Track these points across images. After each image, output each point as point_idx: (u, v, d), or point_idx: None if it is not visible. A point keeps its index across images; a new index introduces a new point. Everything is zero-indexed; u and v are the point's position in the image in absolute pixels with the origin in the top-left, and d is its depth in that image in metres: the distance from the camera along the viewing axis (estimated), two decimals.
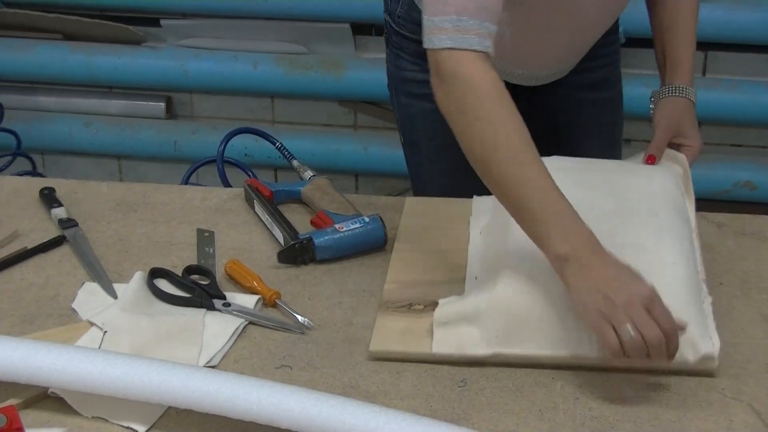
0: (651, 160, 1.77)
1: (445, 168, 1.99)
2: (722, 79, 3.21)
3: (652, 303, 1.34)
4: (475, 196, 1.80)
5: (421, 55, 1.71)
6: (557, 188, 1.44)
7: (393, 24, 1.98)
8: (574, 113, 2.06)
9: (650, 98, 1.87)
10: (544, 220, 1.42)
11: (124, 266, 1.65)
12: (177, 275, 1.60)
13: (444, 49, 1.50)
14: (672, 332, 1.33)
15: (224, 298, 1.55)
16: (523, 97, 2.00)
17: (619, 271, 1.38)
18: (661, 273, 1.46)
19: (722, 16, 2.95)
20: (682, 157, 1.80)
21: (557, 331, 1.42)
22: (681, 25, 1.88)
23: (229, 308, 1.53)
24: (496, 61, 1.57)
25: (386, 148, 3.44)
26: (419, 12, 1.77)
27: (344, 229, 1.67)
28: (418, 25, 1.85)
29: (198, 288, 1.56)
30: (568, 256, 1.39)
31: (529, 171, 1.45)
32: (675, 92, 1.83)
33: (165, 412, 1.33)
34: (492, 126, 1.47)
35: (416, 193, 2.09)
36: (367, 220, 1.69)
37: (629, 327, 1.32)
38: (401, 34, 1.96)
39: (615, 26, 2.05)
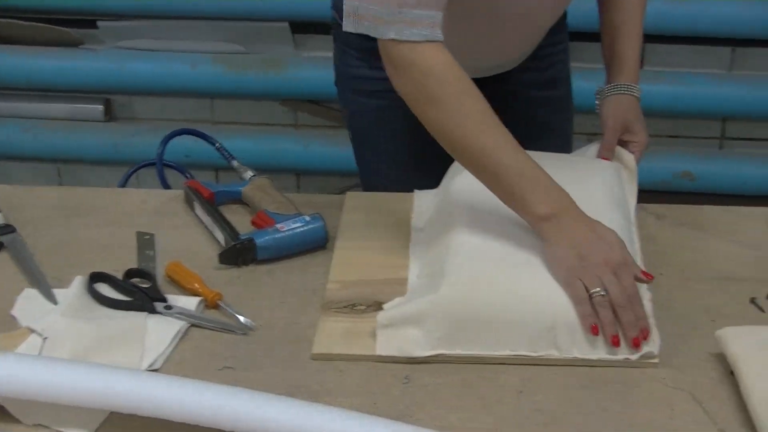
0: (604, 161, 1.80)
1: (394, 164, 1.99)
2: (660, 71, 3.24)
3: (622, 267, 1.43)
4: (416, 191, 1.80)
5: (367, 51, 1.72)
6: (527, 154, 1.50)
7: (339, 20, 1.97)
8: (525, 113, 2.06)
9: (595, 95, 1.88)
10: (521, 184, 1.49)
11: (64, 271, 1.63)
12: (117, 279, 1.59)
13: (393, 40, 1.51)
14: (636, 299, 1.41)
15: (165, 300, 1.54)
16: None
17: (595, 232, 1.46)
18: None
19: (659, 8, 2.97)
20: (629, 158, 1.82)
21: (500, 332, 1.43)
22: (628, 23, 1.90)
23: (171, 311, 1.52)
24: None
25: (327, 147, 3.44)
26: None
27: (285, 228, 1.67)
28: None
29: (139, 291, 1.55)
30: (548, 215, 1.47)
31: (498, 139, 1.50)
32: (620, 90, 1.86)
33: (107, 417, 1.32)
34: (455, 103, 1.51)
35: (366, 191, 2.09)
36: (308, 219, 1.69)
37: (599, 289, 1.41)
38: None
39: (563, 26, 2.06)
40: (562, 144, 2.09)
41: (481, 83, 1.97)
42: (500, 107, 1.99)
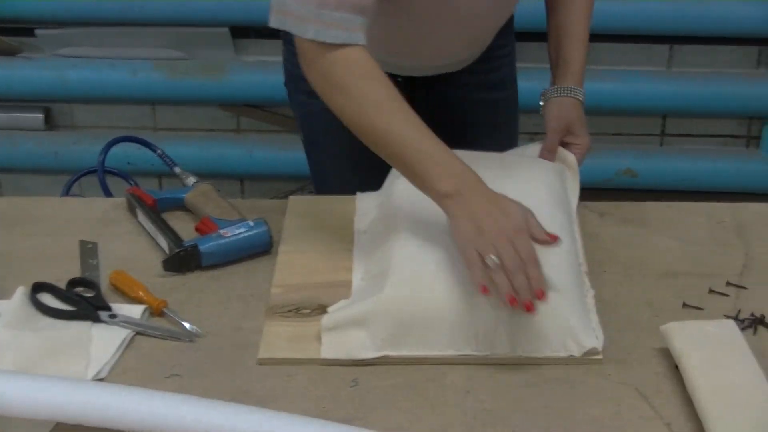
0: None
1: (347, 165, 1.98)
2: (601, 70, 3.26)
3: (518, 235, 1.43)
4: (358, 193, 1.80)
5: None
6: (432, 133, 1.52)
7: None
8: (471, 114, 2.09)
9: (540, 96, 1.90)
10: (424, 163, 1.50)
11: (6, 282, 1.61)
12: (61, 289, 1.57)
13: (311, 40, 1.53)
14: (532, 263, 1.42)
15: (110, 309, 1.53)
16: (421, 97, 2.02)
17: (494, 204, 1.47)
18: (544, 269, 1.48)
19: (598, 6, 2.98)
20: (571, 158, 1.83)
21: (444, 332, 1.43)
22: (575, 26, 1.92)
23: (116, 319, 1.51)
24: (385, 55, 1.59)
25: (271, 151, 3.43)
26: None
27: (229, 234, 1.66)
28: None
29: (83, 300, 1.54)
30: (449, 192, 1.47)
31: (402, 121, 1.52)
32: (563, 92, 1.87)
33: (53, 428, 1.31)
34: (362, 88, 1.53)
35: (318, 192, 2.09)
36: (251, 224, 1.68)
37: (492, 256, 1.40)
38: None
39: (510, 28, 2.07)
40: (508, 143, 2.09)
41: (429, 83, 1.98)
42: (446, 108, 2.00)
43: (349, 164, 1.98)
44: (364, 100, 1.53)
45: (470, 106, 2.08)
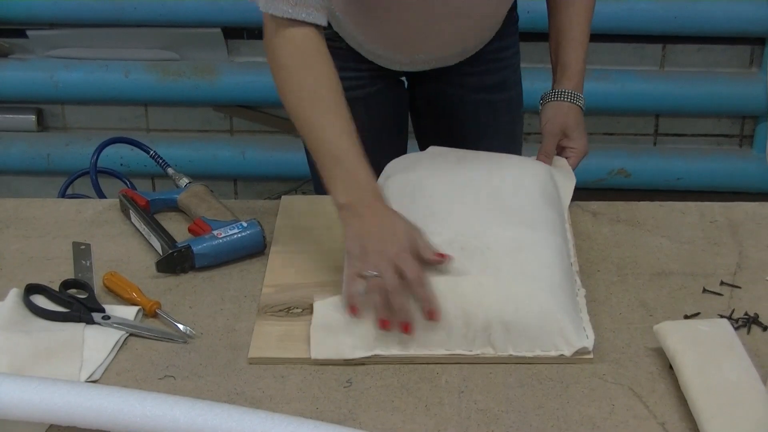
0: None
1: None
2: (593, 69, 3.25)
3: (402, 255, 1.44)
4: None
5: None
6: (352, 138, 1.55)
7: None
8: (472, 115, 2.08)
9: (540, 100, 1.89)
10: (330, 168, 1.55)
11: None
12: (54, 290, 1.57)
13: (272, 15, 1.58)
14: (417, 283, 1.42)
15: (103, 311, 1.52)
16: (421, 98, 2.02)
17: (383, 223, 1.49)
18: (534, 268, 1.49)
19: None
20: (563, 163, 1.83)
21: (435, 331, 1.43)
22: (574, 29, 1.91)
23: (109, 321, 1.51)
24: (382, 49, 1.71)
25: (264, 152, 3.43)
26: None
27: (222, 235, 1.66)
28: None
29: (76, 302, 1.53)
30: (346, 204, 1.52)
31: (326, 119, 1.56)
32: (562, 97, 1.87)
33: (47, 429, 1.31)
34: (301, 75, 1.57)
35: (318, 188, 2.09)
36: (245, 225, 1.68)
37: (371, 272, 1.44)
38: None
39: (513, 29, 2.07)
40: (508, 145, 2.09)
41: (428, 84, 1.98)
42: (447, 109, 2.00)
43: None
44: (301, 88, 1.57)
45: (470, 107, 2.07)
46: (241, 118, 3.48)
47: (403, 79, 2.03)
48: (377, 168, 1.69)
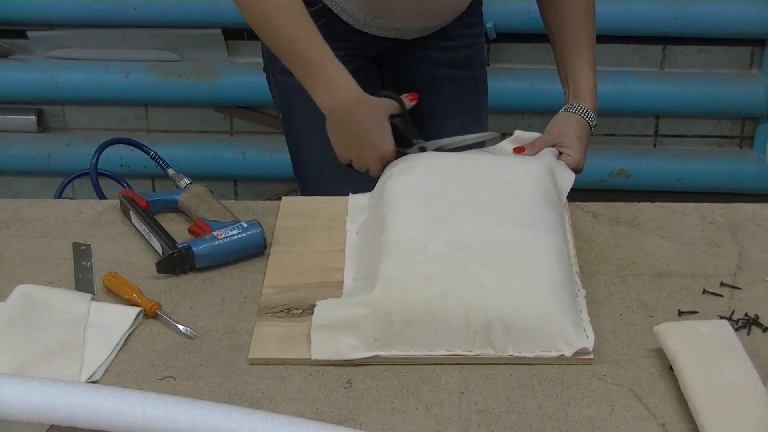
0: (518, 150, 1.86)
1: (323, 142, 1.99)
2: None
3: (376, 162, 1.77)
4: (350, 194, 1.80)
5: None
6: (326, 46, 1.74)
7: None
8: (436, 89, 2.13)
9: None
10: (311, 75, 1.74)
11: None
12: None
13: None
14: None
15: None
16: (390, 74, 2.07)
17: (366, 131, 1.75)
18: (535, 269, 1.49)
19: None
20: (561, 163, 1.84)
21: (435, 332, 1.44)
22: (582, 46, 1.95)
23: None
24: (364, 14, 1.89)
25: (264, 153, 3.43)
26: None
27: (223, 236, 1.66)
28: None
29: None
30: (330, 107, 1.75)
31: (298, 30, 1.74)
32: (578, 111, 1.92)
33: (47, 430, 1.31)
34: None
35: (297, 171, 2.13)
36: (245, 225, 1.68)
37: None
38: None
39: (479, 10, 2.13)
40: (473, 122, 2.15)
41: (395, 59, 2.07)
42: (412, 83, 2.06)
43: (324, 142, 1.98)
44: (271, 8, 1.75)
45: (436, 81, 2.13)
46: (241, 119, 3.48)
47: (370, 55, 2.12)
48: None
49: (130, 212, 1.77)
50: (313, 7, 1.91)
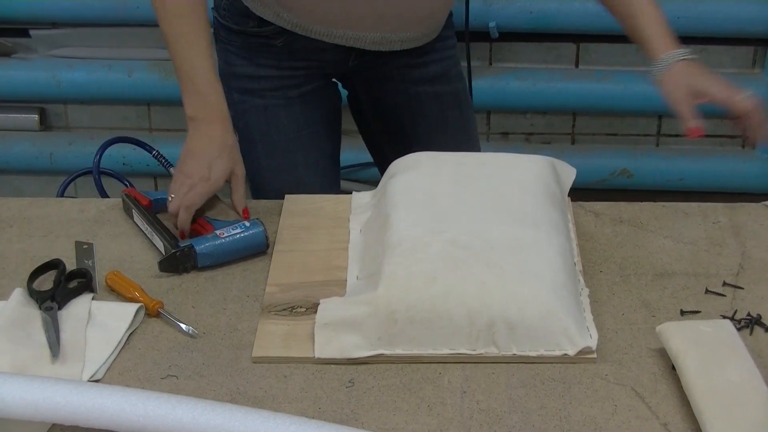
0: (692, 133, 1.82)
1: (282, 164, 1.99)
2: (595, 70, 3.26)
3: (200, 184, 1.71)
4: (354, 192, 1.80)
5: (249, 48, 1.77)
6: (207, 55, 1.76)
7: (219, 17, 2.00)
8: (417, 108, 2.11)
9: (649, 74, 1.86)
10: (182, 81, 1.77)
11: (1, 283, 1.62)
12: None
13: None
14: (187, 211, 1.70)
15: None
16: (367, 98, 2.04)
17: (208, 149, 1.73)
18: (538, 267, 1.49)
19: (592, 8, 2.99)
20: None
21: (439, 330, 1.44)
22: (647, 8, 1.89)
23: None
24: (320, 25, 1.83)
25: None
26: (242, 3, 1.87)
27: (225, 235, 1.66)
28: (244, 16, 1.90)
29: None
30: (190, 117, 1.75)
31: (185, 37, 1.78)
32: (672, 59, 1.82)
33: (49, 429, 1.31)
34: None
35: (255, 193, 2.09)
36: (247, 224, 1.68)
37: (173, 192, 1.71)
38: (227, 27, 1.98)
39: (450, 23, 2.09)
40: (463, 142, 2.12)
41: (368, 81, 2.02)
42: (391, 105, 2.03)
43: (284, 164, 1.98)
44: (169, 11, 1.78)
45: (415, 100, 2.10)
46: None
47: (335, 80, 2.09)
48: (313, 168, 1.87)
49: (133, 211, 1.77)
50: (268, 27, 1.91)
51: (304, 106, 1.98)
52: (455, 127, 2.14)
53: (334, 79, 2.08)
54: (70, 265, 1.63)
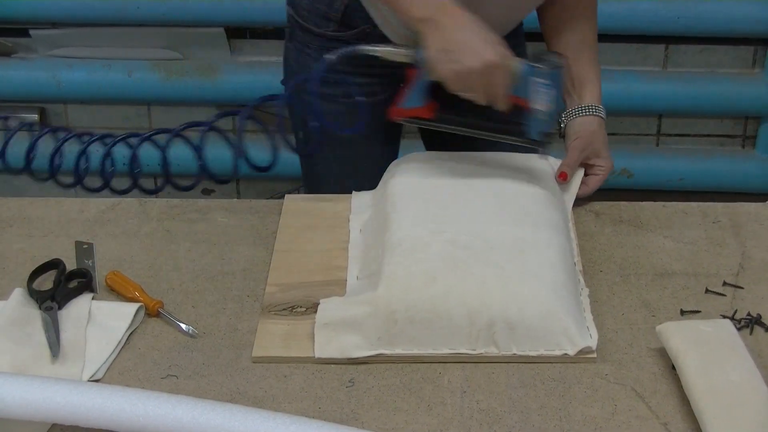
0: (563, 177, 1.79)
1: (349, 170, 1.97)
2: None
3: (494, 69, 1.55)
4: (354, 192, 1.80)
5: (327, 52, 1.73)
6: None
7: (298, 18, 1.92)
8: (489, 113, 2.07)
9: (560, 117, 1.88)
10: None
11: (1, 283, 1.62)
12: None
13: None
14: (501, 99, 1.59)
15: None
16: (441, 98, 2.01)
17: (470, 35, 1.56)
18: (538, 267, 1.49)
19: None
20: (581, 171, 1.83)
21: (439, 330, 1.44)
22: (586, 48, 1.91)
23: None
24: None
25: (266, 152, 3.41)
26: (324, 3, 1.81)
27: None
28: (324, 19, 1.84)
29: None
30: (423, 18, 1.57)
31: None
32: (586, 111, 1.86)
33: (49, 429, 1.31)
34: None
35: (311, 190, 2.06)
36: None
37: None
38: (306, 28, 1.91)
39: (520, 30, 2.06)
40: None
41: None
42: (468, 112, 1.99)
43: (351, 168, 1.96)
44: None
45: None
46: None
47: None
48: (367, 174, 1.71)
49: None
50: (350, 32, 1.85)
51: (375, 113, 1.91)
52: None
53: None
54: (70, 265, 1.63)
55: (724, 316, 1.51)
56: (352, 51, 1.68)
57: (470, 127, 1.71)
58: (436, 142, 2.04)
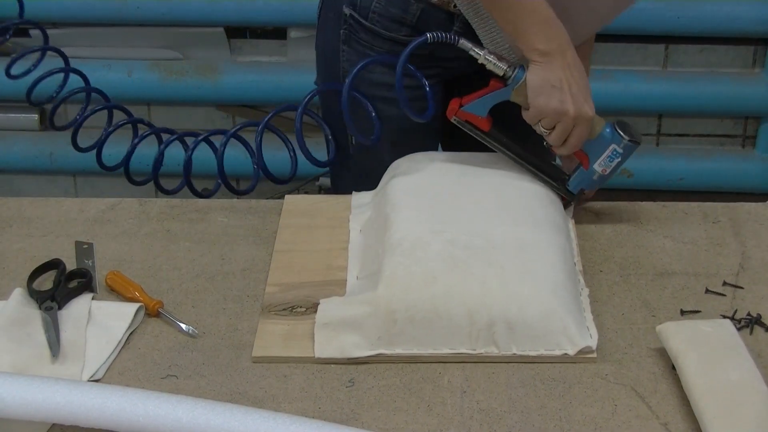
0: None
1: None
2: (595, 69, 3.25)
3: (581, 120, 1.65)
4: (354, 192, 1.80)
5: (395, 56, 1.72)
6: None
7: (364, 20, 1.86)
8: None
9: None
10: (525, 15, 1.62)
11: (1, 283, 1.62)
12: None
13: None
14: (572, 147, 1.68)
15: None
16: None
17: (578, 81, 1.64)
18: (538, 267, 1.49)
19: None
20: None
21: (439, 330, 1.44)
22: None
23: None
24: None
25: (267, 151, 3.41)
26: (399, 7, 1.78)
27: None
28: (397, 23, 1.81)
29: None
30: (545, 51, 1.61)
31: None
32: None
33: (49, 429, 1.31)
34: None
35: (337, 186, 2.06)
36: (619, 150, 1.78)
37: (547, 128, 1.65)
38: (375, 32, 1.85)
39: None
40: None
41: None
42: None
43: (394, 159, 1.90)
44: None
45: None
46: (243, 118, 3.48)
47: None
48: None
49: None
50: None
51: (433, 118, 1.88)
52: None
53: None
54: (70, 265, 1.63)
55: (724, 316, 1.51)
56: (451, 39, 1.69)
57: (516, 154, 1.73)
58: (455, 147, 2.02)
